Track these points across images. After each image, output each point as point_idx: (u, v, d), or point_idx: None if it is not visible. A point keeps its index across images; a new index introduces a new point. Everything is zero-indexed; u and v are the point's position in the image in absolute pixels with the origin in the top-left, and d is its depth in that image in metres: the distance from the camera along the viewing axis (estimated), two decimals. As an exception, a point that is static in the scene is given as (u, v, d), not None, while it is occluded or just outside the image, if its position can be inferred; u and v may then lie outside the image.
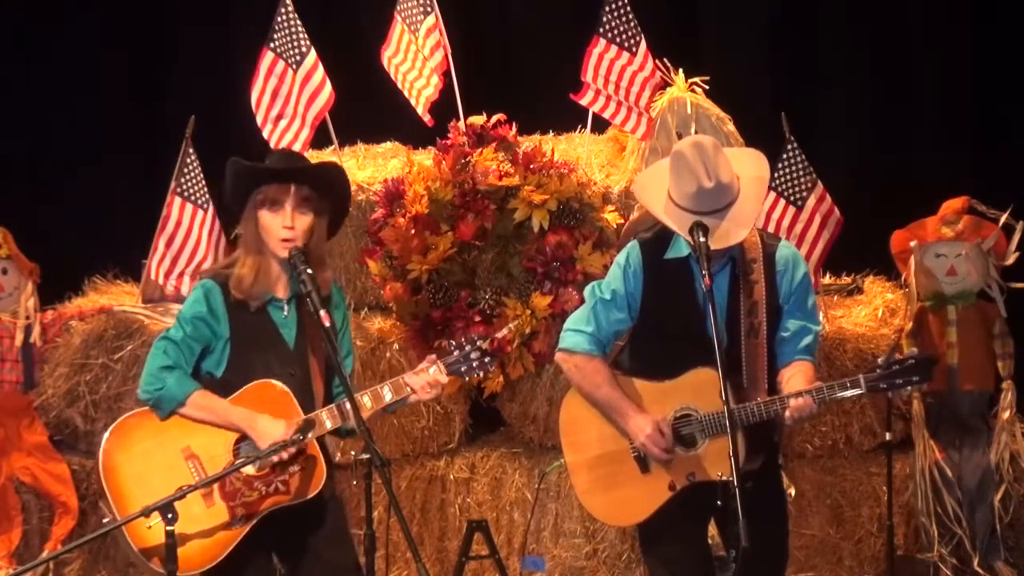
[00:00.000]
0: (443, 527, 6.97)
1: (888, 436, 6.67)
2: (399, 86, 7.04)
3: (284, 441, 4.64)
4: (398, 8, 7.08)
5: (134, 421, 4.79)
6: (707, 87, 6.91)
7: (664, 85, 6.92)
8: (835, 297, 7.23)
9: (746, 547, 4.23)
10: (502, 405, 7.08)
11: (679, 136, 6.56)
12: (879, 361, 4.65)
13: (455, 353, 4.92)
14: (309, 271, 4.70)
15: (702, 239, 4.58)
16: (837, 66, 8.11)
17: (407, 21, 7.04)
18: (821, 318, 6.70)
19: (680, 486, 4.75)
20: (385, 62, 7.13)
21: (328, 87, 6.88)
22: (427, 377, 4.84)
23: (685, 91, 6.89)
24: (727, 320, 4.75)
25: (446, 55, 6.88)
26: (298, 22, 6.92)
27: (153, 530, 4.52)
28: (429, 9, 6.94)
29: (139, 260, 7.23)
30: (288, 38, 6.92)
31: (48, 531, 6.94)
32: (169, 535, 4.45)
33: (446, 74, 6.87)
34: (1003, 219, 6.92)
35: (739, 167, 4.72)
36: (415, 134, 7.24)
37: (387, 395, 4.83)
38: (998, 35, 7.84)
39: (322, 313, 4.64)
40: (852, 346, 6.78)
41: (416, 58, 6.99)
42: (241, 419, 4.72)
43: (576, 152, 7.07)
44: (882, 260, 7.23)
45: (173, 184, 7.07)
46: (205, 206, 7.07)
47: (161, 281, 7.11)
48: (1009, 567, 6.77)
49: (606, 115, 6.89)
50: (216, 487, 4.68)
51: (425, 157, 6.95)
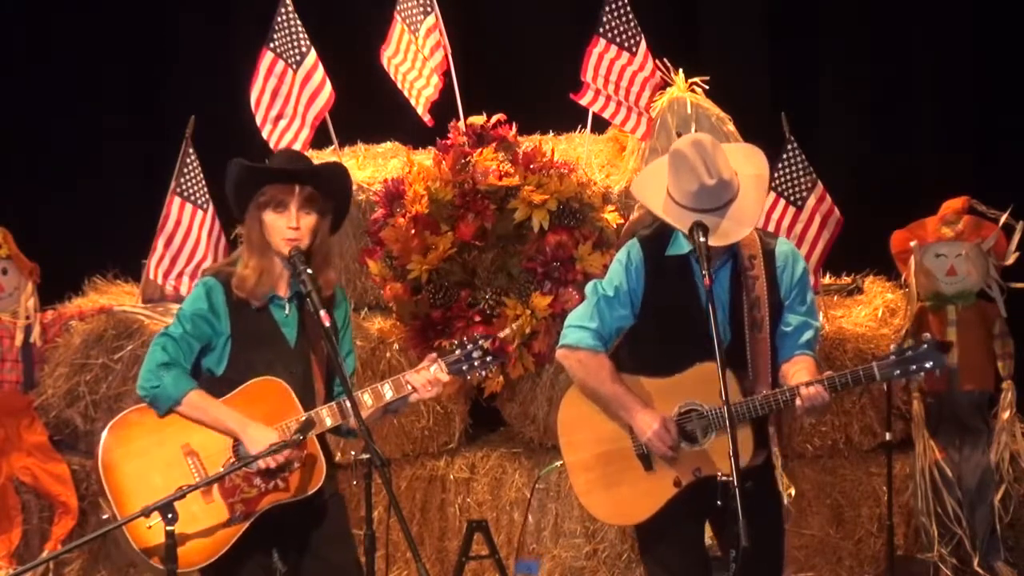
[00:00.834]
0: (443, 527, 6.97)
1: (888, 436, 6.68)
2: (399, 86, 7.04)
3: (284, 441, 4.64)
4: (398, 8, 7.08)
5: (133, 418, 4.79)
6: (707, 87, 6.91)
7: (664, 85, 6.92)
8: (835, 297, 7.22)
9: (746, 547, 4.23)
10: (502, 405, 7.08)
11: (679, 136, 6.55)
12: (891, 348, 4.64)
13: (457, 352, 4.92)
14: (309, 271, 4.71)
15: (702, 239, 4.58)
16: (837, 66, 8.11)
17: (407, 21, 7.04)
18: (821, 318, 6.71)
19: (686, 482, 4.73)
20: (385, 62, 7.13)
21: (328, 87, 6.88)
22: (428, 375, 4.84)
23: (685, 91, 6.89)
24: (730, 315, 4.75)
25: (446, 55, 6.88)
26: (298, 22, 6.92)
27: (153, 529, 4.53)
28: (429, 9, 6.94)
29: (139, 260, 7.24)
30: (288, 38, 6.93)
31: (48, 531, 6.95)
32: (169, 535, 4.45)
33: (446, 74, 6.87)
34: (1003, 219, 6.92)
35: (736, 164, 4.72)
36: (415, 134, 7.24)
37: (388, 393, 4.83)
38: (998, 35, 7.83)
39: (322, 313, 4.64)
40: (852, 346, 6.78)
41: (416, 58, 6.99)
42: (233, 424, 4.71)
43: (576, 152, 7.07)
44: (882, 260, 7.23)
45: (173, 184, 7.07)
46: (205, 206, 7.07)
47: (160, 281, 7.11)
48: (1009, 567, 6.77)
49: (606, 115, 6.89)
50: (215, 484, 4.68)
51: (425, 157, 6.95)
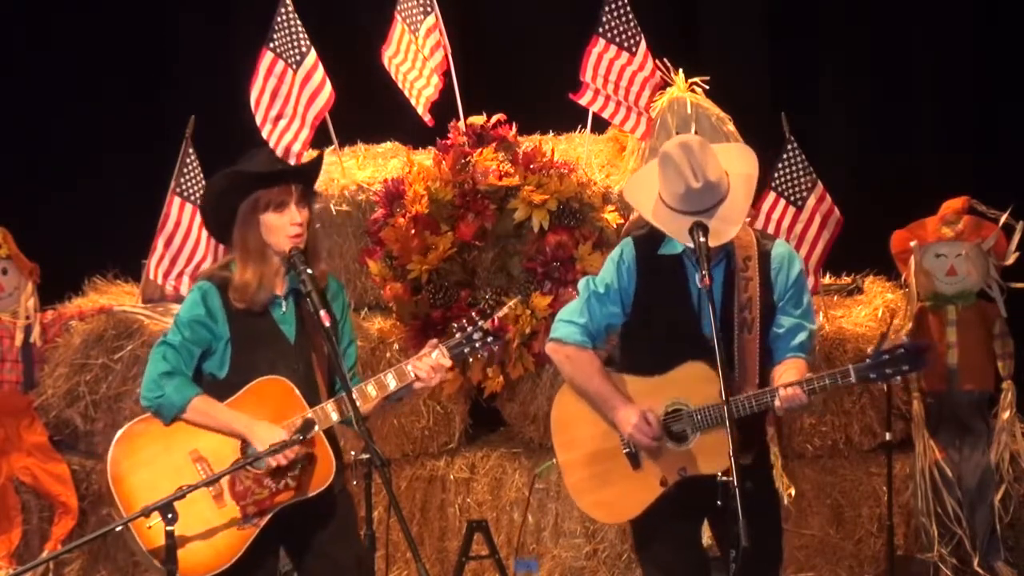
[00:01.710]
0: (443, 527, 6.97)
1: (888, 436, 6.68)
2: (399, 86, 7.04)
3: (284, 441, 4.65)
4: (398, 8, 7.08)
5: (139, 428, 4.79)
6: (707, 87, 6.91)
7: (664, 85, 6.92)
8: (835, 297, 7.22)
9: (746, 547, 4.23)
10: (502, 405, 7.08)
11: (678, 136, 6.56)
12: (869, 351, 4.65)
13: (457, 335, 4.92)
14: (309, 271, 4.71)
15: (703, 239, 4.58)
16: (837, 66, 8.11)
17: (407, 21, 7.04)
18: (820, 318, 6.71)
19: (671, 481, 4.75)
20: (386, 62, 7.13)
21: (328, 87, 6.88)
22: (430, 361, 4.85)
23: (685, 91, 6.88)
24: (721, 316, 4.75)
25: (446, 55, 6.88)
26: (298, 22, 6.92)
27: (156, 530, 4.53)
28: (429, 9, 6.94)
29: (139, 260, 7.24)
30: (288, 38, 6.92)
31: (48, 531, 6.95)
32: (169, 535, 4.45)
33: (446, 74, 6.87)
34: (1003, 219, 6.92)
35: (728, 163, 4.72)
36: (415, 134, 7.24)
37: (391, 383, 4.84)
38: (998, 35, 7.83)
39: (322, 313, 4.65)
40: (852, 346, 6.78)
41: (416, 58, 6.99)
42: (240, 426, 4.72)
43: (576, 152, 7.08)
44: (882, 260, 7.23)
45: (173, 184, 7.08)
46: (205, 206, 7.06)
47: (160, 281, 7.11)
48: (1009, 567, 6.77)
49: (605, 115, 6.89)
50: (226, 488, 4.69)
51: (425, 157, 6.95)
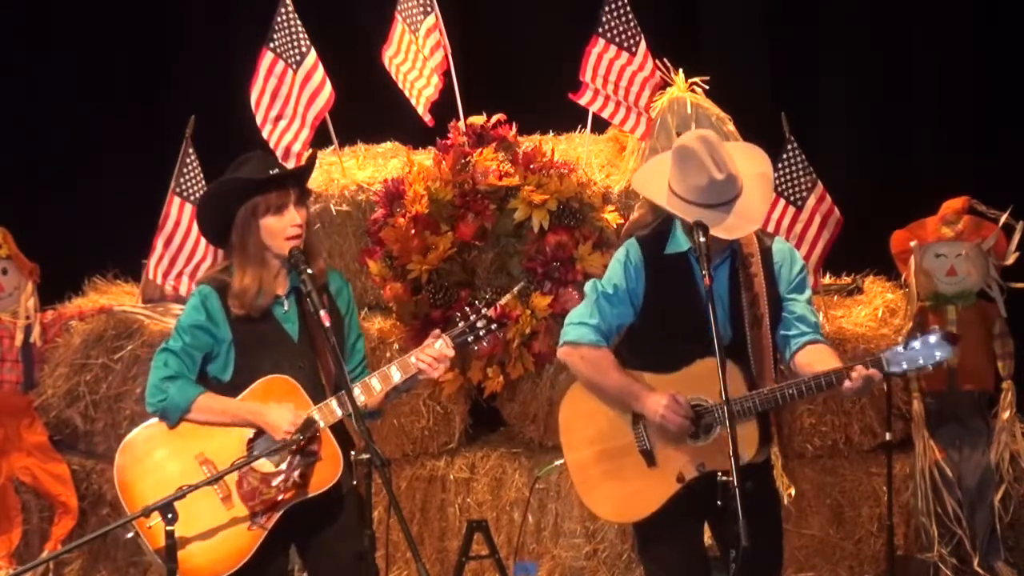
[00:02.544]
0: (443, 527, 6.97)
1: (888, 436, 6.67)
2: (400, 86, 7.04)
3: (284, 442, 4.66)
4: (398, 8, 7.08)
5: (144, 434, 4.81)
6: (707, 87, 6.91)
7: (664, 85, 6.92)
8: (835, 297, 7.22)
9: (746, 547, 4.23)
10: (502, 405, 7.08)
11: (679, 136, 6.55)
12: (899, 340, 4.62)
13: (460, 324, 4.93)
14: (310, 271, 4.72)
15: (702, 239, 4.58)
16: (837, 66, 8.11)
17: (407, 21, 7.04)
18: (820, 317, 6.71)
19: (689, 477, 4.73)
20: (386, 62, 7.13)
21: (328, 87, 6.88)
22: (433, 352, 4.85)
23: (685, 91, 6.88)
24: (730, 312, 4.76)
25: (446, 55, 6.88)
26: (298, 22, 6.92)
27: (158, 530, 4.53)
28: (429, 9, 6.93)
29: (139, 260, 7.24)
30: (288, 38, 6.92)
31: (48, 531, 6.95)
32: (169, 535, 4.45)
33: (446, 74, 6.87)
34: (1003, 219, 6.92)
35: (738, 162, 4.72)
36: (415, 134, 7.24)
37: (395, 375, 4.85)
38: (998, 35, 7.83)
39: (322, 313, 4.65)
40: (852, 346, 6.78)
41: (416, 58, 6.99)
42: (250, 413, 4.74)
43: (576, 152, 7.07)
44: (882, 260, 7.23)
45: (173, 184, 7.08)
46: (205, 206, 7.06)
47: (160, 281, 7.11)
48: (1009, 567, 6.77)
49: (605, 115, 6.89)
50: (234, 488, 4.70)
51: (425, 157, 6.95)
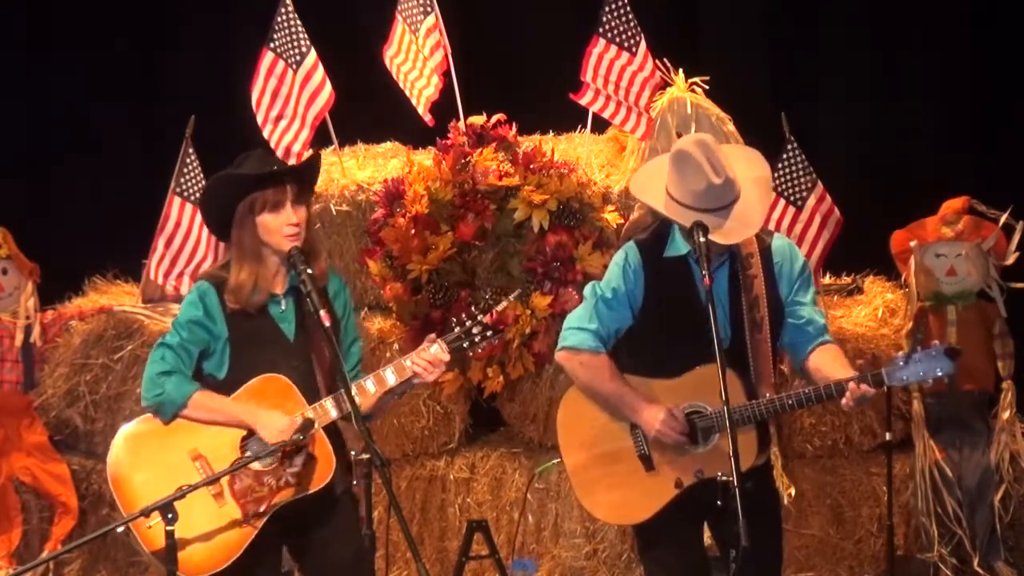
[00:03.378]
0: (443, 527, 6.97)
1: (888, 436, 6.67)
2: (400, 86, 7.04)
3: (284, 442, 4.66)
4: (399, 8, 7.08)
5: (138, 429, 4.81)
6: (707, 87, 6.91)
7: (664, 85, 6.92)
8: (835, 297, 7.23)
9: (746, 547, 4.23)
10: (502, 405, 7.08)
11: (679, 136, 6.55)
12: (900, 353, 4.62)
13: (456, 330, 4.92)
14: (309, 271, 4.72)
15: (702, 239, 4.58)
16: (837, 66, 8.11)
17: (408, 21, 7.04)
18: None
19: (687, 483, 4.73)
20: (387, 62, 7.13)
21: (328, 87, 6.88)
22: (428, 356, 4.85)
23: (685, 91, 6.88)
24: (730, 316, 4.75)
25: (446, 55, 6.88)
26: (298, 22, 6.92)
27: (156, 530, 4.53)
28: (429, 9, 6.93)
29: (139, 260, 7.24)
30: (288, 38, 6.92)
31: (48, 531, 6.95)
32: (169, 535, 4.46)
33: (446, 74, 6.87)
34: (1003, 219, 6.92)
35: (735, 166, 4.71)
36: (415, 134, 7.24)
37: (390, 378, 4.84)
38: (998, 35, 7.83)
39: (322, 313, 4.65)
40: (852, 346, 6.77)
41: (417, 58, 6.99)
42: (244, 414, 4.74)
43: (576, 152, 7.07)
44: (882, 260, 7.23)
45: (173, 184, 7.08)
46: (205, 206, 7.06)
47: (160, 281, 7.11)
48: (1009, 567, 6.77)
49: (606, 115, 6.89)
50: (227, 486, 4.70)
51: (425, 157, 6.95)
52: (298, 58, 6.91)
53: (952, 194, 7.01)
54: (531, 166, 6.71)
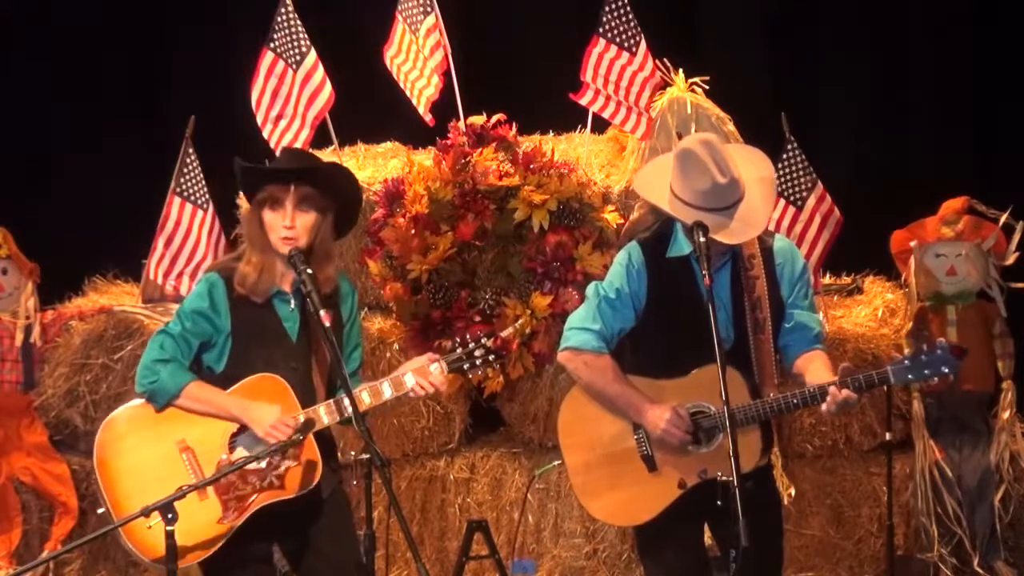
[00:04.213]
0: (443, 527, 6.97)
1: (888, 436, 6.68)
2: (401, 86, 7.04)
3: (283, 442, 4.65)
4: (399, 8, 7.08)
5: (129, 413, 4.81)
6: (707, 87, 6.90)
7: (664, 85, 6.92)
8: (835, 297, 7.22)
9: (746, 547, 4.23)
10: (502, 405, 7.08)
11: (679, 136, 6.55)
12: (905, 352, 4.62)
13: (458, 351, 4.92)
14: (309, 271, 4.72)
15: (702, 239, 4.57)
16: (837, 66, 8.11)
17: (408, 21, 7.04)
18: (821, 316, 6.71)
19: (691, 483, 4.73)
20: (387, 62, 7.13)
21: (328, 87, 6.88)
22: (428, 377, 4.84)
23: (685, 91, 6.88)
24: (732, 316, 4.75)
25: (446, 55, 6.88)
26: (298, 22, 6.92)
27: (144, 525, 4.54)
28: (429, 9, 6.94)
29: (139, 260, 7.24)
30: (288, 38, 6.93)
31: (48, 531, 6.95)
32: (169, 535, 4.45)
33: (446, 74, 6.87)
34: (1003, 219, 6.92)
35: (741, 166, 4.71)
36: (415, 134, 7.24)
37: (386, 392, 4.84)
38: (998, 35, 7.83)
39: (322, 313, 4.65)
40: (852, 346, 6.78)
41: (417, 58, 6.99)
42: (236, 407, 4.74)
43: (576, 152, 7.07)
44: (882, 260, 7.23)
45: (173, 184, 7.08)
46: (205, 206, 7.07)
47: (160, 281, 7.11)
48: (1009, 567, 6.77)
49: (605, 115, 6.88)
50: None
51: (425, 157, 6.95)
52: (298, 58, 6.91)
53: (952, 194, 7.01)
54: (531, 166, 6.71)
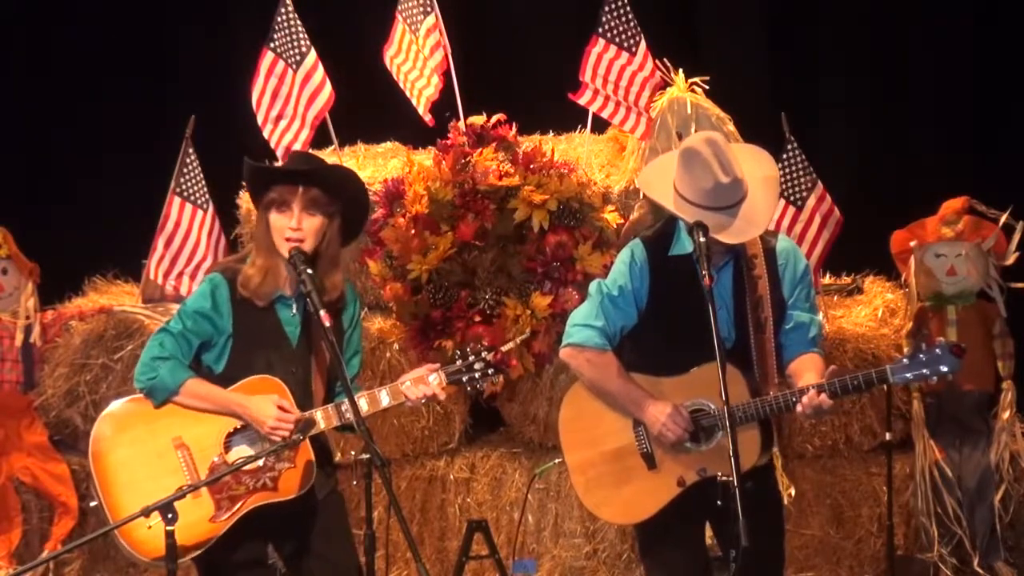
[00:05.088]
0: (443, 527, 6.97)
1: (888, 436, 6.68)
2: (401, 86, 7.04)
3: (284, 441, 4.66)
4: (399, 8, 7.08)
5: (128, 407, 4.81)
6: (707, 87, 6.90)
7: (664, 85, 6.92)
8: (835, 297, 7.22)
9: (746, 547, 4.23)
10: (502, 405, 7.08)
11: (679, 136, 6.55)
12: (905, 351, 4.62)
13: (458, 363, 4.92)
14: (309, 271, 4.71)
15: (702, 239, 4.57)
16: (837, 66, 8.11)
17: (408, 21, 7.05)
18: (820, 316, 6.71)
19: (690, 481, 4.73)
20: (387, 62, 7.13)
21: (328, 87, 6.88)
22: (425, 390, 4.84)
23: (685, 91, 6.88)
24: (734, 316, 4.76)
25: (446, 55, 6.88)
26: (298, 22, 6.92)
27: (143, 525, 4.54)
28: (429, 9, 6.94)
29: (139, 260, 7.24)
30: (288, 38, 6.93)
31: (48, 531, 6.95)
32: (169, 535, 4.45)
33: (446, 74, 6.87)
34: (1003, 219, 6.92)
35: (744, 165, 4.71)
36: (415, 134, 7.24)
37: (384, 400, 4.83)
38: (998, 35, 7.83)
39: (322, 313, 4.64)
40: (852, 346, 6.78)
41: (417, 58, 6.99)
42: (234, 403, 4.74)
43: (576, 152, 7.07)
44: (882, 260, 7.23)
45: (173, 184, 7.08)
46: (205, 206, 7.07)
47: (160, 281, 7.11)
48: (1009, 567, 6.77)
49: (605, 115, 6.89)
50: (202, 478, 4.70)
51: (425, 157, 6.95)
52: (298, 58, 6.91)
53: (952, 194, 7.01)
54: (531, 166, 6.71)
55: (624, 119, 6.83)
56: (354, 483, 6.39)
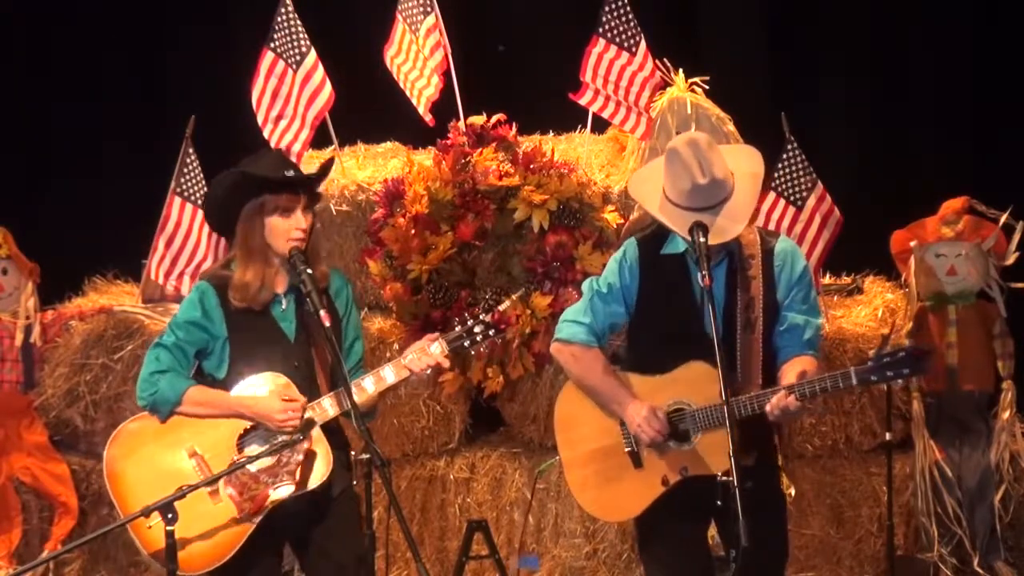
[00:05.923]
0: (443, 527, 6.97)
1: (888, 436, 6.68)
2: (401, 86, 7.04)
3: (284, 441, 4.66)
4: (399, 8, 7.09)
5: (135, 427, 4.81)
6: (707, 87, 6.91)
7: (664, 85, 6.92)
8: (835, 297, 7.22)
9: (746, 547, 4.23)
10: (502, 405, 7.08)
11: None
12: (871, 353, 4.63)
13: (458, 328, 4.94)
14: (309, 271, 4.73)
15: (702, 239, 4.58)
16: (837, 66, 8.11)
17: (408, 21, 7.05)
18: (821, 319, 6.71)
19: (673, 480, 4.75)
20: (388, 62, 7.14)
21: (328, 87, 6.88)
22: (428, 359, 4.86)
23: (685, 91, 6.88)
24: (723, 315, 4.75)
25: (446, 55, 6.88)
26: (298, 22, 6.92)
27: (155, 530, 4.54)
28: (429, 9, 6.94)
29: (139, 260, 7.24)
30: (288, 38, 6.93)
31: (48, 531, 6.95)
32: (169, 535, 4.46)
33: (446, 74, 6.88)
34: (1003, 219, 6.92)
35: (734, 164, 4.73)
36: (415, 134, 7.24)
37: (389, 377, 4.87)
38: (998, 35, 7.83)
39: (322, 313, 4.66)
40: (852, 346, 6.78)
41: (417, 58, 7.00)
42: (240, 405, 4.76)
43: (576, 152, 7.08)
44: (882, 260, 7.23)
45: (173, 184, 7.08)
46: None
47: (161, 281, 7.11)
48: (1009, 567, 6.77)
49: (605, 115, 6.89)
50: (222, 482, 4.70)
51: (425, 157, 6.96)
52: (298, 58, 6.91)
53: (952, 194, 7.01)
54: (531, 166, 6.71)
55: (624, 119, 6.83)
56: (354, 483, 6.39)
